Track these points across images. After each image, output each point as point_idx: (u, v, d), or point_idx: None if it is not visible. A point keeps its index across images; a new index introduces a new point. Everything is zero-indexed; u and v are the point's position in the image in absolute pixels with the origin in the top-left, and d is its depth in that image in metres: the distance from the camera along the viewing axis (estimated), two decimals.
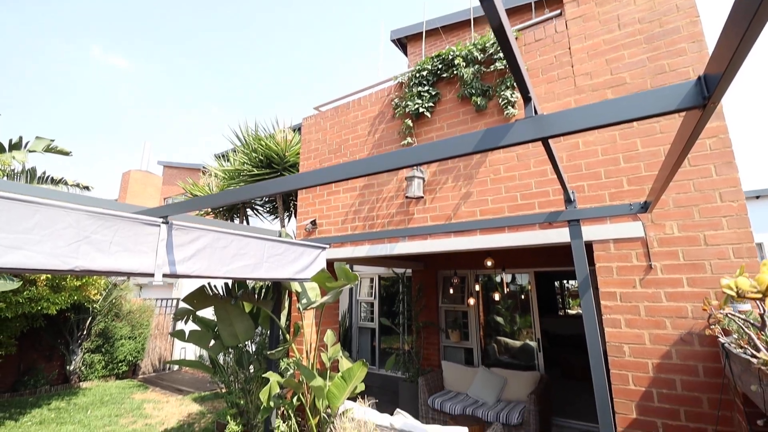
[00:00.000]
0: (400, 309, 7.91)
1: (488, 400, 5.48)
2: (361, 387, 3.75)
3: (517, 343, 6.76)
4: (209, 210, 7.66)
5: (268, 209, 8.26)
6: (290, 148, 6.89)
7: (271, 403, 3.39)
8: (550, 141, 1.51)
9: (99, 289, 7.38)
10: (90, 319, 8.64)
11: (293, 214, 7.87)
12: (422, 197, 4.13)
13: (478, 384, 5.78)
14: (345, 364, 3.96)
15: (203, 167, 8.81)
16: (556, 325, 10.38)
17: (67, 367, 8.34)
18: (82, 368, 8.54)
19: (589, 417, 5.60)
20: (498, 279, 7.11)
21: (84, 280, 6.63)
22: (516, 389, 5.52)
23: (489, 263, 6.17)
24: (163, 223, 2.39)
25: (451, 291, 7.07)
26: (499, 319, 7.11)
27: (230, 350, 4.38)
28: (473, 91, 4.01)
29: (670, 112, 0.97)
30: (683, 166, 2.98)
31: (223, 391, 4.41)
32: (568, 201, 2.73)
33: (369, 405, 3.80)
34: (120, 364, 9.07)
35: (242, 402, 4.21)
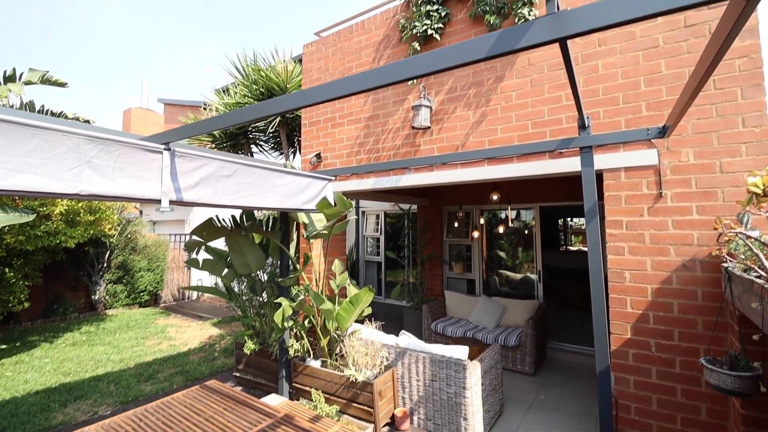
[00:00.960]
0: (405, 243, 8.09)
1: (488, 325, 5.79)
2: (368, 311, 3.95)
3: (518, 276, 6.98)
4: (213, 145, 7.56)
5: (272, 145, 8.13)
6: (291, 79, 6.59)
7: (285, 324, 3.62)
8: (569, 48, 1.39)
9: (113, 224, 7.58)
10: (108, 252, 9.01)
11: (297, 150, 7.76)
12: (429, 127, 3.99)
13: (479, 311, 6.07)
14: (352, 290, 4.14)
15: (204, 104, 8.55)
16: (557, 259, 10.63)
17: (93, 297, 8.88)
18: (107, 297, 9.10)
19: (581, 341, 5.94)
20: (503, 215, 7.14)
21: (98, 215, 6.78)
22: (515, 316, 5.80)
23: (495, 197, 6.15)
24: (165, 149, 2.35)
25: (456, 225, 7.16)
26: (502, 254, 7.28)
27: (243, 278, 4.59)
28: (487, 9, 3.68)
29: (712, 1, 0.86)
30: (707, 88, 2.80)
31: (240, 314, 4.70)
32: (582, 127, 2.62)
33: (376, 327, 4.04)
34: (142, 294, 9.64)
35: (257, 324, 4.51)
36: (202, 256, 4.47)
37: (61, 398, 4.42)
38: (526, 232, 6.96)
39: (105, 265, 9.01)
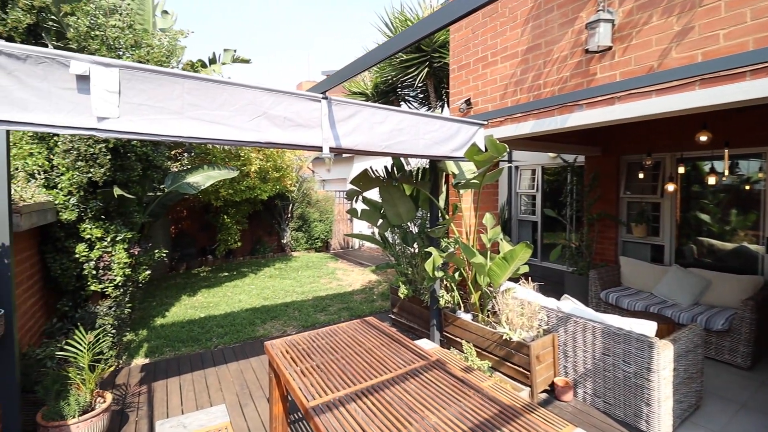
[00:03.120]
0: (568, 201, 7.09)
1: (681, 301, 4.67)
2: (525, 269, 3.61)
3: (728, 246, 5.32)
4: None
5: (419, 100, 8.08)
6: None
7: (435, 274, 3.63)
8: None
9: (292, 181, 8.99)
10: (291, 205, 10.81)
11: (446, 103, 7.50)
12: (610, 48, 3.18)
13: (669, 283, 4.94)
14: (505, 246, 3.83)
15: None
16: None
17: (282, 241, 10.92)
18: (291, 242, 11.07)
19: None
20: (707, 167, 5.46)
21: (281, 173, 8.10)
22: (723, 294, 4.51)
23: (703, 139, 4.68)
24: (323, 98, 2.47)
25: (641, 177, 5.82)
26: (704, 217, 5.64)
27: (396, 229, 4.80)
28: None
29: None
30: None
31: (393, 261, 4.99)
32: None
33: (532, 288, 3.68)
34: (316, 241, 11.40)
35: (409, 273, 4.70)
36: (360, 206, 4.84)
37: (262, 316, 5.61)
38: (747, 188, 5.17)
39: (289, 215, 10.88)
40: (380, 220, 4.71)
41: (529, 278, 3.80)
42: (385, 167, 4.43)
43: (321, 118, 2.47)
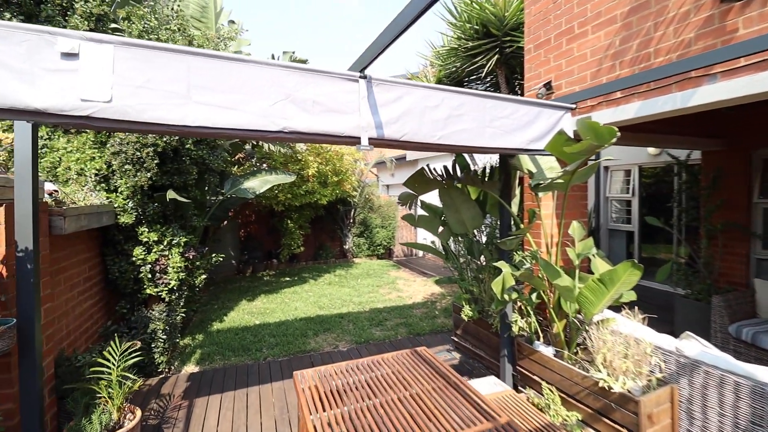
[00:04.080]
0: (676, 207, 5.80)
1: None
2: (630, 296, 2.77)
3: None
4: None
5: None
6: (510, 5, 5.50)
7: (506, 296, 2.94)
8: None
9: (353, 186, 8.75)
10: (353, 210, 10.61)
11: (519, 95, 6.65)
12: None
13: None
14: (600, 264, 3.01)
15: (425, 68, 8.59)
16: None
17: (344, 246, 10.75)
18: (353, 248, 10.85)
19: None
20: None
21: (340, 177, 7.88)
22: None
23: None
24: (361, 77, 1.99)
25: None
26: None
27: (459, 238, 4.16)
28: None
29: None
30: None
31: (456, 276, 4.34)
32: None
33: (641, 321, 2.81)
34: (378, 248, 11.06)
35: (475, 290, 4.02)
36: (419, 212, 4.29)
37: (315, 328, 5.31)
38: None
39: (351, 221, 10.68)
40: (440, 228, 4.11)
41: (635, 307, 2.92)
42: (445, 167, 3.84)
43: (359, 101, 2.00)
